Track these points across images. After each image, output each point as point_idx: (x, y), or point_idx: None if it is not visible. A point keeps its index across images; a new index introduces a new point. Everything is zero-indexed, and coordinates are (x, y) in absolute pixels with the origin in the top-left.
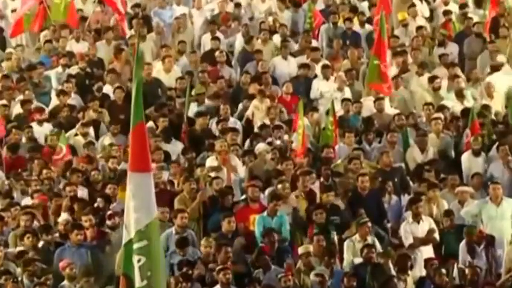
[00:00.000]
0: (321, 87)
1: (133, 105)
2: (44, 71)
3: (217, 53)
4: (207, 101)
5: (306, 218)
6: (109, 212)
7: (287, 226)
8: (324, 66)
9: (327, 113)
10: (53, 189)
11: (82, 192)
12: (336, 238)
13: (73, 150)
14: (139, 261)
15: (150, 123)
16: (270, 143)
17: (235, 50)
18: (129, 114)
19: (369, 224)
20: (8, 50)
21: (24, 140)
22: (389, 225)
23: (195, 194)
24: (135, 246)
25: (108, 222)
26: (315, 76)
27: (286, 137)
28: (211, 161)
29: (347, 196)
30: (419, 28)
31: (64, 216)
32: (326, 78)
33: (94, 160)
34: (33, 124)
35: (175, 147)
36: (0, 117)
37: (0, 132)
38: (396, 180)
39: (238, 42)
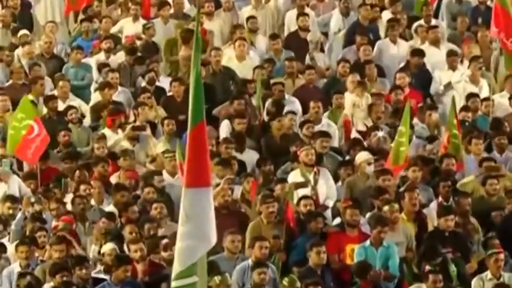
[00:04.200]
0: (444, 79)
1: (191, 101)
2: (82, 58)
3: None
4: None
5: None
6: (164, 241)
7: (396, 259)
8: (450, 53)
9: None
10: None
11: None
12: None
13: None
14: None
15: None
16: (372, 151)
17: (329, 31)
18: None
19: (502, 256)
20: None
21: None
22: None
23: (275, 219)
24: (181, 283)
25: (164, 254)
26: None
27: (380, 133)
28: (295, 176)
29: (466, 219)
30: None
31: (110, 245)
32: (452, 68)
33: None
34: (105, 130)
35: (251, 157)
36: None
37: (44, 138)
38: None
39: (335, 20)
